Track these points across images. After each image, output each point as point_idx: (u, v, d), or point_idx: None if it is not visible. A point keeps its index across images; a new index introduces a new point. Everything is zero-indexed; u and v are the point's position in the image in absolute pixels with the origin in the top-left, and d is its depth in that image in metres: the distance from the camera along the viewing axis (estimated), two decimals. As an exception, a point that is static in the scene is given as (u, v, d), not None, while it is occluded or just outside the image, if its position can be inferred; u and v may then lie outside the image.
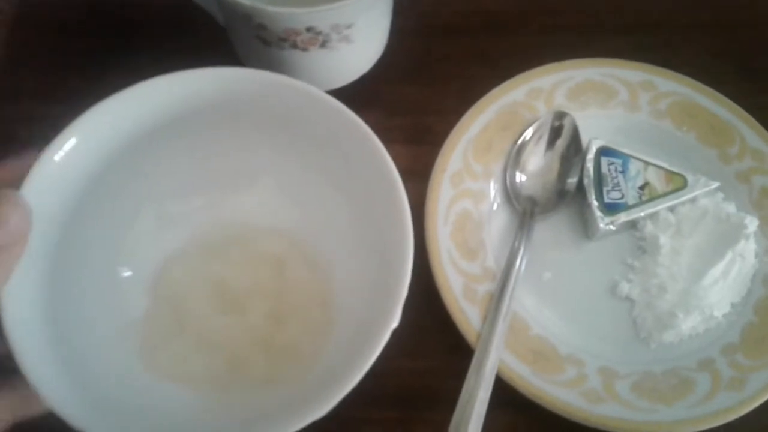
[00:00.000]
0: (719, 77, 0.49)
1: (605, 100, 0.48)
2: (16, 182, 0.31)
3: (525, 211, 0.44)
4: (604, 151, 0.45)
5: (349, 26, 0.41)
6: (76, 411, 0.30)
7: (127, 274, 0.39)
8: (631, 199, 0.44)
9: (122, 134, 0.35)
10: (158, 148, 0.38)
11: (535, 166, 0.46)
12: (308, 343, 0.39)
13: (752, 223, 0.43)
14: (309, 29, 0.40)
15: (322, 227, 0.41)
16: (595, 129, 0.47)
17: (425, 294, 0.41)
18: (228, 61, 0.38)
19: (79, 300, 0.35)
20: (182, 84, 0.36)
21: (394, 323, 0.33)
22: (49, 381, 0.30)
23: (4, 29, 0.53)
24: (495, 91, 0.47)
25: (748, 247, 0.43)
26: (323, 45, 0.42)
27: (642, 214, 0.44)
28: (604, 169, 0.45)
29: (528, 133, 0.46)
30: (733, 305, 0.43)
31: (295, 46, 0.41)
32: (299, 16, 0.39)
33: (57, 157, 0.32)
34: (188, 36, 0.50)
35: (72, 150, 0.33)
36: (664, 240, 0.43)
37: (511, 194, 0.45)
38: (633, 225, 0.45)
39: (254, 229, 0.42)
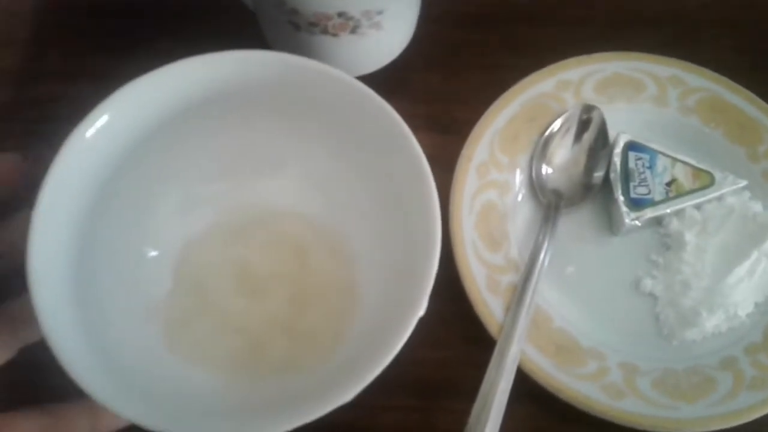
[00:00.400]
0: (748, 75, 0.48)
1: (633, 94, 0.47)
2: None
3: (550, 203, 0.44)
4: (631, 146, 0.45)
5: (380, 12, 0.41)
6: (107, 394, 0.31)
7: (153, 254, 0.39)
8: (657, 195, 0.44)
9: (151, 115, 0.35)
10: (185, 131, 0.38)
11: (562, 159, 0.46)
12: (330, 329, 0.39)
13: (779, 223, 0.43)
14: (341, 14, 0.40)
15: (347, 214, 0.41)
16: (623, 123, 0.46)
17: (448, 284, 0.41)
18: (256, 46, 0.38)
19: (106, 281, 0.35)
20: (210, 66, 0.36)
21: (421, 311, 0.33)
22: (81, 365, 0.31)
23: (31, 11, 0.53)
24: (523, 82, 0.47)
25: (775, 246, 0.43)
26: (353, 31, 0.41)
27: (668, 210, 0.43)
28: (632, 164, 0.44)
29: (555, 125, 0.46)
30: (756, 305, 0.42)
31: (325, 31, 0.41)
32: (332, 1, 0.39)
33: (89, 134, 0.32)
34: (216, 19, 0.50)
35: (103, 127, 0.33)
36: (689, 237, 0.43)
37: (536, 186, 0.45)
38: (658, 221, 0.44)
39: (278, 214, 0.42)
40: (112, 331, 0.35)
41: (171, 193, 0.40)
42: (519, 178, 0.45)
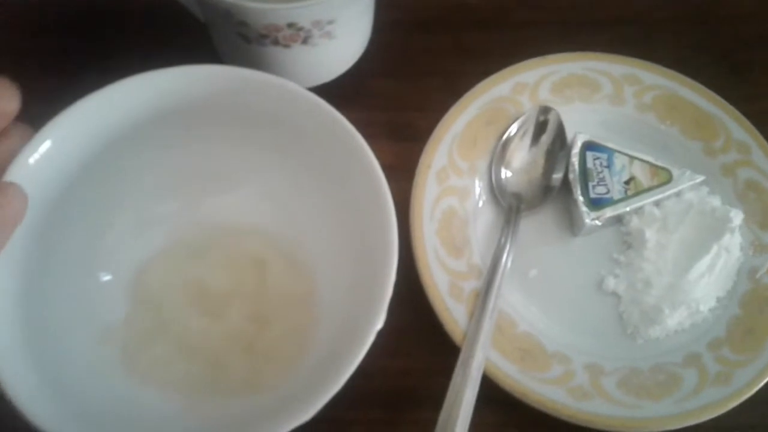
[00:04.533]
0: (701, 70, 0.49)
1: (590, 94, 0.48)
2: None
3: (510, 207, 0.44)
4: (589, 146, 0.45)
5: (331, 22, 0.40)
6: (56, 424, 0.30)
7: (107, 278, 0.38)
8: (616, 193, 0.44)
9: (99, 135, 0.35)
10: (136, 149, 0.37)
11: (521, 162, 0.45)
12: (291, 345, 0.38)
13: (737, 217, 0.43)
14: (290, 25, 0.39)
15: (304, 226, 0.41)
16: (580, 123, 0.46)
17: (411, 292, 0.41)
18: (209, 59, 0.37)
19: (58, 307, 0.35)
20: (157, 83, 0.36)
21: (379, 324, 0.33)
22: (25, 390, 0.30)
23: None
24: (480, 86, 0.47)
25: (734, 240, 0.43)
26: (305, 41, 0.41)
27: (628, 208, 0.43)
28: (590, 163, 0.44)
29: (513, 129, 0.46)
30: (718, 299, 0.42)
31: (276, 42, 0.41)
32: (280, 12, 0.38)
33: (32, 160, 0.32)
34: (167, 34, 0.49)
35: (47, 152, 0.32)
36: (649, 234, 0.43)
37: (496, 190, 0.45)
38: (619, 220, 0.44)
39: (234, 230, 0.41)
40: (65, 357, 0.34)
41: (123, 214, 0.39)
42: (479, 183, 0.45)
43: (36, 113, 0.32)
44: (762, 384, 0.39)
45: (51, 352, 0.33)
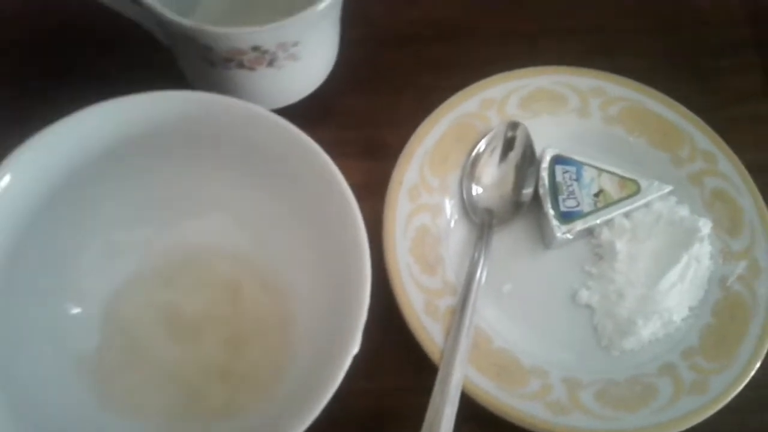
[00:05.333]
0: (667, 79, 0.49)
1: (557, 108, 0.48)
2: None
3: (483, 223, 0.44)
4: (558, 160, 0.45)
5: (295, 44, 0.40)
6: None
7: (76, 310, 0.37)
8: (586, 206, 0.44)
9: (61, 167, 0.34)
10: (100, 178, 0.36)
11: (491, 178, 0.46)
12: (267, 370, 0.38)
13: (706, 226, 0.43)
14: (255, 48, 0.39)
15: (277, 249, 0.40)
16: (549, 137, 0.47)
17: (387, 311, 0.41)
18: (175, 84, 0.37)
19: (26, 340, 0.34)
20: (123, 110, 0.35)
21: (355, 349, 0.32)
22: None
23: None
24: (447, 103, 0.47)
25: (703, 249, 0.43)
26: (270, 64, 0.41)
27: (598, 221, 0.44)
28: (559, 177, 0.45)
29: (482, 145, 0.46)
30: (691, 309, 0.43)
31: (241, 65, 0.40)
32: (243, 36, 0.38)
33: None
34: (132, 58, 0.48)
35: (6, 188, 0.31)
36: (620, 246, 0.43)
37: (468, 207, 0.45)
38: (590, 232, 0.45)
39: (206, 254, 0.41)
40: (36, 390, 0.34)
41: (92, 243, 0.38)
42: (450, 199, 0.45)
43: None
44: (738, 391, 0.40)
45: (22, 386, 0.33)
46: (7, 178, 0.31)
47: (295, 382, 0.36)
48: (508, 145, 0.46)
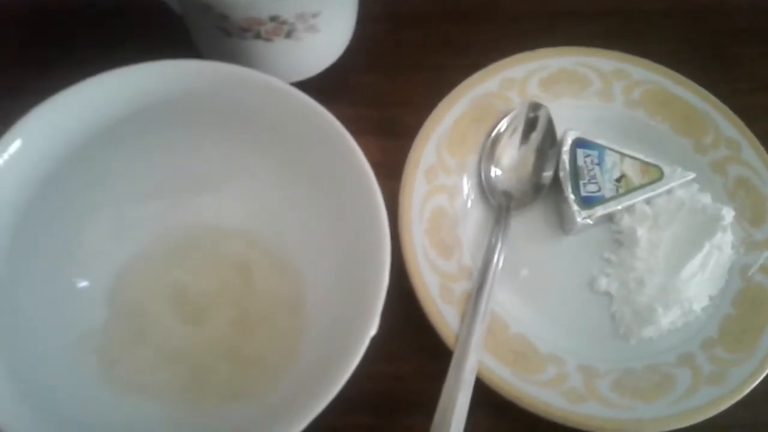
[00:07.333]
0: (691, 65, 0.48)
1: (579, 90, 0.47)
2: None
3: (500, 206, 0.43)
4: (579, 143, 0.44)
5: (315, 15, 0.39)
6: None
7: (84, 284, 0.36)
8: (607, 191, 0.43)
9: (72, 135, 0.33)
10: (112, 149, 0.35)
11: (510, 160, 0.44)
12: (278, 351, 0.37)
13: (728, 214, 0.42)
14: (273, 18, 0.38)
15: (290, 227, 0.39)
16: (570, 119, 0.45)
17: (401, 295, 0.39)
18: (185, 54, 0.36)
19: (32, 315, 0.33)
20: (134, 79, 0.34)
21: (373, 330, 0.31)
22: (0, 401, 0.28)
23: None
24: (467, 82, 0.46)
25: (725, 238, 0.42)
26: (288, 35, 0.39)
27: (619, 207, 0.43)
28: (580, 161, 0.44)
29: (502, 126, 0.45)
30: (711, 298, 0.42)
31: (258, 36, 0.39)
32: (263, 4, 0.37)
33: (0, 161, 0.30)
34: (141, 27, 0.47)
35: (16, 153, 0.30)
36: (641, 233, 0.42)
37: (486, 189, 0.44)
38: (610, 218, 0.44)
39: (217, 232, 0.39)
40: (42, 366, 0.33)
41: (100, 217, 0.37)
42: (468, 181, 0.44)
43: (2, 108, 0.30)
44: (756, 383, 0.39)
45: (26, 362, 0.32)
46: (17, 143, 0.30)
47: (308, 364, 0.35)
48: (530, 127, 0.45)
